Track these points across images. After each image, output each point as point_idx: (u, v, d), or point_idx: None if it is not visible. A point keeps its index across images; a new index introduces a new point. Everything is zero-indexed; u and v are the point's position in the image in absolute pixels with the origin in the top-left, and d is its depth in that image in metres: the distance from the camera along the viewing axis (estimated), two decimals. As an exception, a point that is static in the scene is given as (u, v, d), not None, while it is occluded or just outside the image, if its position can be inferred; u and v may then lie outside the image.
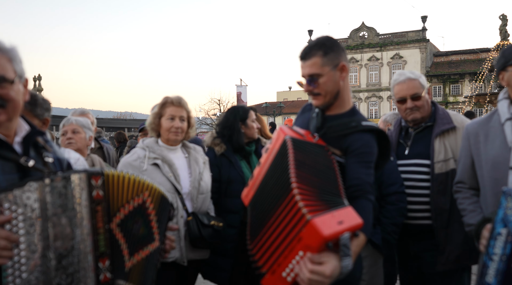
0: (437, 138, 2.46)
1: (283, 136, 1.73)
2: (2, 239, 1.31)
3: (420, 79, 2.53)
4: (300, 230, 1.43)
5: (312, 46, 1.83)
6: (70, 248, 1.39)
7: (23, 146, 1.49)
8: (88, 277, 1.41)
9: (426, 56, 43.26)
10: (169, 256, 2.49)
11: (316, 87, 1.83)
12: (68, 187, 1.40)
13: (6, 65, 1.41)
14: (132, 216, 1.54)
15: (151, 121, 2.68)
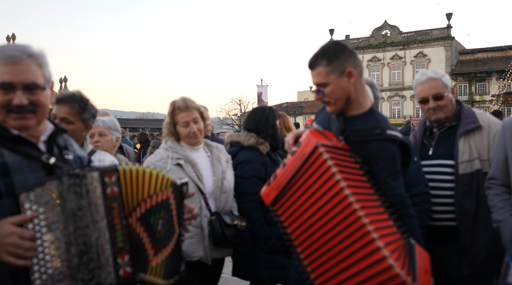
0: (461, 138, 2.40)
1: (314, 142, 1.73)
2: (27, 240, 1.35)
3: (443, 78, 2.47)
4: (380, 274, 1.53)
5: (316, 56, 1.85)
6: (89, 244, 1.43)
7: (48, 145, 1.54)
8: (107, 272, 1.44)
9: (451, 54, 42.28)
10: (193, 255, 2.52)
11: (325, 96, 1.85)
12: (83, 185, 1.43)
13: (37, 71, 1.46)
14: (155, 210, 1.55)
15: (168, 131, 2.71)
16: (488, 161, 2.33)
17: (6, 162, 1.41)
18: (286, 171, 1.79)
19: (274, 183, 1.82)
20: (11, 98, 1.42)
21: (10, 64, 1.42)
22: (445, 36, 42.44)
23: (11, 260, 1.33)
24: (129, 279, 1.47)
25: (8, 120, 1.44)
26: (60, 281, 1.40)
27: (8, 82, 1.41)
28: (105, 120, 3.06)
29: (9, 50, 1.43)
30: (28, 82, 1.43)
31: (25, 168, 1.43)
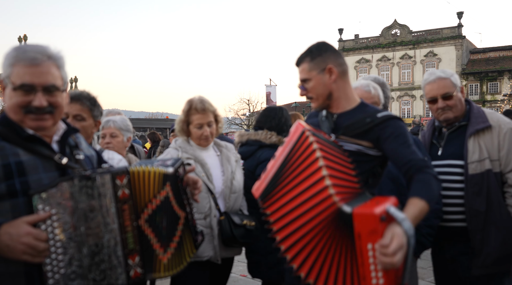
0: (471, 138, 2.38)
1: (301, 128, 1.75)
2: (42, 241, 1.37)
3: (452, 78, 2.46)
4: (352, 228, 1.47)
5: (302, 54, 1.94)
6: (101, 245, 1.44)
7: (60, 145, 1.56)
8: (118, 273, 1.46)
9: (462, 53, 41.84)
10: (203, 255, 2.53)
11: (307, 91, 1.94)
12: (94, 187, 1.44)
13: (56, 73, 1.49)
14: (160, 210, 1.56)
15: (180, 128, 2.72)
16: (499, 160, 2.31)
17: (21, 160, 1.43)
18: (275, 162, 1.78)
19: (264, 175, 1.80)
20: (31, 100, 1.44)
21: (31, 66, 1.44)
22: (456, 35, 42.01)
23: (28, 259, 1.35)
24: (139, 280, 1.49)
25: (26, 120, 1.47)
26: (72, 280, 1.42)
27: (29, 84, 1.43)
28: (116, 121, 3.07)
29: (30, 52, 1.45)
30: (48, 84, 1.46)
31: (40, 167, 1.46)
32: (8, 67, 1.45)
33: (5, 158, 1.41)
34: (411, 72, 44.02)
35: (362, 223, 1.46)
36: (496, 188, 2.30)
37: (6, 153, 1.42)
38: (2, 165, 1.39)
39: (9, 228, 1.35)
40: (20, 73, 1.43)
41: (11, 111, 1.47)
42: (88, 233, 1.44)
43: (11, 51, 1.47)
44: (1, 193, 1.38)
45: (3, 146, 1.42)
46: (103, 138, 3.03)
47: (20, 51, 1.45)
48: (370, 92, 2.63)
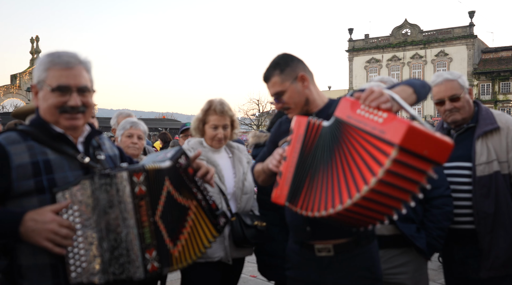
0: (479, 140, 2.38)
1: (305, 120, 1.76)
2: (64, 227, 1.46)
3: (459, 79, 2.46)
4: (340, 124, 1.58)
5: (269, 69, 1.99)
6: (120, 240, 1.52)
7: (85, 145, 1.67)
8: (136, 267, 1.52)
9: (474, 53, 41.34)
10: (214, 256, 2.56)
11: (285, 103, 1.97)
12: (113, 184, 1.52)
13: (86, 76, 1.62)
14: (166, 205, 1.64)
15: (196, 126, 2.76)
16: (507, 162, 2.31)
17: (49, 159, 1.54)
18: (289, 162, 1.76)
19: (282, 180, 1.77)
20: (66, 100, 1.56)
21: (66, 69, 1.56)
22: (467, 34, 41.52)
23: (49, 245, 1.44)
24: (156, 274, 1.55)
25: (61, 120, 1.58)
26: (94, 274, 1.49)
27: (65, 85, 1.55)
28: (144, 125, 3.24)
29: (64, 56, 1.58)
30: (81, 85, 1.58)
31: (65, 166, 1.56)
32: (43, 72, 1.58)
33: (34, 156, 1.52)
34: (422, 72, 43.63)
35: (342, 109, 1.59)
36: (504, 189, 2.30)
37: (35, 151, 1.52)
38: (31, 163, 1.50)
39: (35, 215, 1.45)
40: (56, 76, 1.55)
41: (46, 112, 1.59)
42: (108, 228, 1.51)
43: (45, 57, 1.60)
44: (30, 189, 1.49)
45: (32, 145, 1.54)
46: (129, 137, 3.10)
47: (54, 57, 1.58)
48: None
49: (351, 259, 1.91)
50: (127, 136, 3.12)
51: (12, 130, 1.59)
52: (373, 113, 1.48)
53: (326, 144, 1.64)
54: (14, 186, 1.48)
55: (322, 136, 1.68)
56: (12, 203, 1.51)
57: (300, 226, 1.97)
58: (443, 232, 2.44)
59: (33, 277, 1.50)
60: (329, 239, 1.91)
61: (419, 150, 1.34)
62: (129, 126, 3.14)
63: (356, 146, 1.50)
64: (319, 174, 1.62)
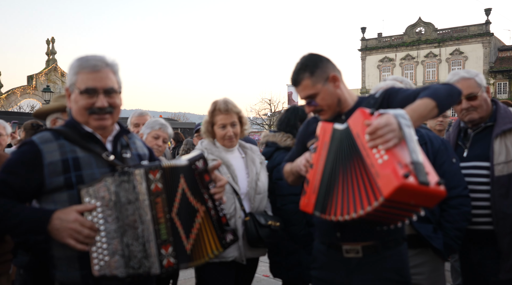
0: (497, 139, 2.34)
1: (330, 128, 1.75)
2: (86, 227, 1.54)
3: (476, 78, 2.43)
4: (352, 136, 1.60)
5: (298, 71, 1.93)
6: (137, 236, 1.57)
7: (113, 144, 1.75)
8: (152, 262, 1.56)
9: (490, 51, 40.63)
10: (228, 256, 2.57)
11: (317, 105, 1.93)
12: (130, 182, 1.58)
13: (113, 78, 1.70)
14: (182, 202, 1.68)
15: (205, 130, 2.77)
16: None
17: (78, 157, 1.64)
18: (315, 170, 1.76)
19: (309, 188, 1.78)
20: (94, 102, 1.66)
21: (93, 72, 1.66)
22: (483, 32, 40.83)
23: (72, 243, 1.53)
24: (172, 269, 1.60)
25: (90, 120, 1.68)
26: (116, 268, 1.55)
27: (92, 87, 1.65)
28: (171, 129, 3.22)
29: (92, 60, 1.67)
30: (108, 87, 1.67)
31: (93, 163, 1.66)
32: (73, 75, 1.67)
33: (64, 154, 1.62)
34: (436, 71, 43.06)
35: (355, 122, 1.58)
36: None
37: (65, 150, 1.63)
38: (61, 160, 1.61)
39: (61, 214, 1.55)
40: (84, 79, 1.65)
41: (77, 113, 1.69)
42: (127, 224, 1.57)
43: (74, 62, 1.69)
44: (60, 185, 1.60)
45: (63, 143, 1.65)
46: (155, 138, 3.09)
47: (83, 61, 1.67)
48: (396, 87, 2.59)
49: (380, 261, 1.87)
50: (154, 137, 3.10)
51: (47, 130, 1.71)
52: (377, 147, 1.51)
53: (339, 152, 1.68)
54: (47, 182, 1.60)
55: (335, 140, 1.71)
56: (46, 197, 1.63)
57: (329, 230, 1.94)
58: (460, 232, 2.41)
59: (63, 268, 1.62)
60: (358, 241, 1.88)
61: (406, 200, 1.47)
62: (158, 127, 3.11)
63: (359, 169, 1.59)
64: (340, 180, 1.66)
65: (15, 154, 1.65)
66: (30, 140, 1.65)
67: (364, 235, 1.85)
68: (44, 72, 28.71)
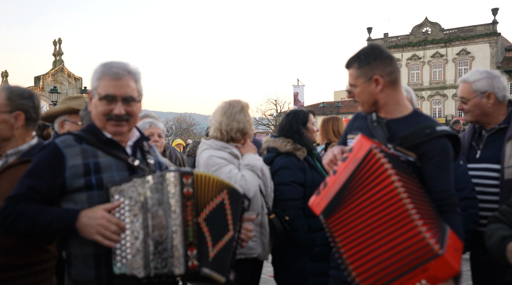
0: (509, 142, 2.33)
1: (368, 145, 1.72)
2: (113, 224, 1.59)
3: (476, 83, 2.43)
4: (427, 261, 1.55)
5: (351, 58, 1.95)
6: (165, 236, 1.60)
7: (133, 149, 1.81)
8: (178, 262, 1.60)
9: (497, 51, 40.32)
10: (252, 252, 2.62)
11: (354, 96, 1.97)
12: (164, 184, 1.62)
13: (133, 86, 1.74)
14: (215, 212, 1.74)
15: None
16: None
17: (99, 161, 1.70)
18: (337, 178, 1.75)
19: (324, 191, 1.78)
20: (112, 108, 1.71)
21: (114, 79, 1.71)
22: (490, 32, 40.54)
23: (99, 239, 1.57)
24: (195, 271, 1.63)
25: (107, 126, 1.74)
26: (136, 268, 1.58)
27: (112, 95, 1.70)
28: (161, 124, 3.36)
29: (114, 67, 1.72)
30: (127, 95, 1.72)
31: (113, 167, 1.71)
32: (96, 80, 1.73)
33: (86, 158, 1.68)
34: (443, 71, 42.81)
35: (440, 268, 1.56)
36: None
37: (87, 154, 1.70)
38: (83, 164, 1.67)
39: (89, 212, 1.60)
40: (105, 85, 1.71)
41: (96, 118, 1.75)
42: (154, 224, 1.61)
43: (99, 67, 1.74)
44: (80, 186, 1.65)
45: (85, 148, 1.70)
46: (150, 136, 3.19)
47: (106, 67, 1.72)
48: None
49: None
50: (148, 135, 3.19)
51: (69, 134, 1.76)
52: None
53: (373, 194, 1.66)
54: (68, 183, 1.65)
55: (367, 166, 1.69)
56: (66, 197, 1.68)
57: None
58: (467, 234, 2.39)
59: (79, 266, 1.66)
60: None
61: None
62: (148, 125, 3.25)
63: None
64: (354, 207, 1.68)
65: (39, 158, 1.70)
66: (54, 144, 1.70)
67: None
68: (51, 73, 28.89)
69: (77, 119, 2.80)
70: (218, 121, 2.68)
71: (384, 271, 1.60)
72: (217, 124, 2.69)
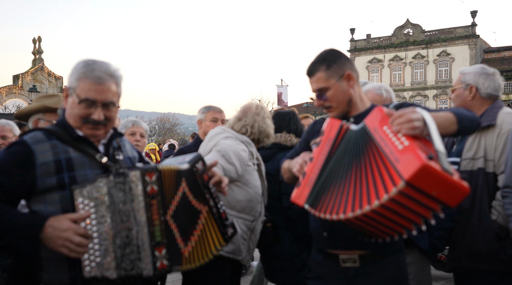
0: (472, 136, 2.39)
1: (337, 124, 1.73)
2: (80, 236, 1.52)
3: (465, 75, 2.51)
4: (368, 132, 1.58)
5: (315, 62, 1.90)
6: (131, 237, 1.57)
7: (106, 146, 1.75)
8: (146, 264, 1.57)
9: (476, 52, 41.22)
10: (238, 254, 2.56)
11: (327, 100, 1.90)
12: (126, 183, 1.58)
13: (114, 90, 1.69)
14: (181, 206, 1.69)
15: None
16: (493, 161, 2.30)
17: (71, 157, 1.63)
18: (314, 163, 1.73)
19: (304, 180, 1.74)
20: (91, 113, 1.66)
21: (96, 84, 1.64)
22: (469, 34, 41.40)
23: (65, 251, 1.51)
24: (165, 271, 1.60)
25: (83, 128, 1.68)
26: (107, 270, 1.54)
27: (92, 99, 1.64)
28: (145, 124, 3.32)
29: (97, 71, 1.65)
30: (107, 101, 1.67)
31: (86, 165, 1.65)
32: (75, 80, 1.65)
33: (57, 154, 1.61)
34: (424, 72, 43.52)
35: (373, 119, 1.56)
36: (482, 187, 2.29)
37: (58, 150, 1.62)
38: (54, 161, 1.60)
39: (54, 221, 1.52)
40: (85, 88, 1.64)
41: (71, 119, 1.68)
42: (121, 225, 1.57)
43: (80, 67, 1.66)
44: (52, 185, 1.58)
45: (56, 144, 1.63)
46: (131, 135, 3.19)
47: (88, 69, 1.64)
48: (382, 95, 2.64)
49: (378, 270, 1.85)
50: (130, 134, 3.19)
51: (38, 129, 1.68)
52: (396, 135, 1.46)
53: (350, 149, 1.64)
54: (39, 182, 1.58)
55: (347, 139, 1.68)
56: (37, 197, 1.60)
57: (317, 230, 1.93)
58: (446, 232, 2.44)
59: (51, 269, 1.59)
60: (354, 249, 1.85)
61: (428, 190, 1.35)
62: (131, 124, 3.23)
63: (372, 162, 1.52)
64: (340, 179, 1.62)
65: (6, 154, 1.61)
66: (22, 140, 1.62)
67: (361, 242, 1.82)
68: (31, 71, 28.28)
69: (52, 118, 2.73)
70: (251, 120, 2.68)
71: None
72: (250, 121, 2.67)
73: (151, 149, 10.56)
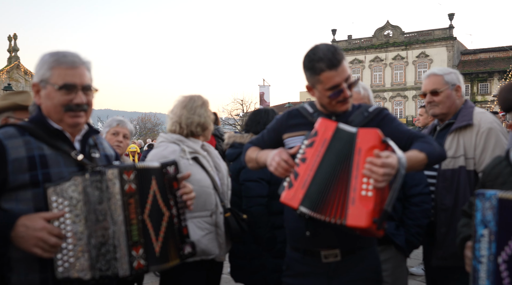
0: (451, 135, 2.44)
1: (333, 126, 1.74)
2: (54, 236, 1.47)
3: (446, 76, 2.53)
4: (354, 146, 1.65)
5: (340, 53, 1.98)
6: (107, 237, 1.53)
7: (81, 143, 1.70)
8: (122, 264, 1.53)
9: (453, 54, 42.17)
10: (209, 254, 2.48)
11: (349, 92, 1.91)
12: (103, 181, 1.54)
13: (88, 75, 1.66)
14: (153, 204, 1.66)
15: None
16: (474, 159, 2.35)
17: (45, 154, 1.58)
18: (308, 164, 1.71)
19: (297, 182, 1.70)
20: (72, 98, 1.61)
21: (72, 68, 1.62)
22: (447, 36, 42.32)
23: (38, 252, 1.45)
24: (142, 271, 1.56)
25: (65, 118, 1.63)
26: (80, 270, 1.50)
27: (71, 83, 1.61)
28: (130, 125, 3.15)
29: (69, 56, 1.63)
30: (86, 84, 1.64)
31: (61, 162, 1.60)
32: (46, 71, 1.60)
33: (31, 150, 1.55)
34: (404, 73, 44.26)
35: (366, 138, 1.63)
36: (465, 185, 2.35)
37: (32, 146, 1.56)
38: (27, 157, 1.54)
39: (26, 220, 1.46)
40: (61, 74, 1.60)
41: (51, 110, 1.62)
42: (96, 224, 1.53)
43: (48, 57, 1.62)
44: (25, 183, 1.52)
45: (29, 140, 1.57)
46: (114, 135, 3.04)
47: (60, 56, 1.62)
48: (360, 93, 2.66)
49: (358, 261, 1.88)
50: (113, 134, 3.05)
51: (10, 125, 1.62)
52: (369, 179, 1.59)
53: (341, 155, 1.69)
54: (10, 179, 1.51)
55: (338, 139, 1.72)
56: (8, 195, 1.53)
57: (298, 230, 1.88)
58: (421, 229, 2.48)
59: (21, 270, 1.53)
60: (335, 248, 1.86)
61: (355, 231, 1.67)
62: (116, 124, 3.08)
63: (344, 178, 1.66)
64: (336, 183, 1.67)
65: None
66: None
67: (343, 240, 1.83)
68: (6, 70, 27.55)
69: (23, 116, 2.63)
70: (178, 115, 2.57)
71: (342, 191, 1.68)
72: (176, 118, 2.57)
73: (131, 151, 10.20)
